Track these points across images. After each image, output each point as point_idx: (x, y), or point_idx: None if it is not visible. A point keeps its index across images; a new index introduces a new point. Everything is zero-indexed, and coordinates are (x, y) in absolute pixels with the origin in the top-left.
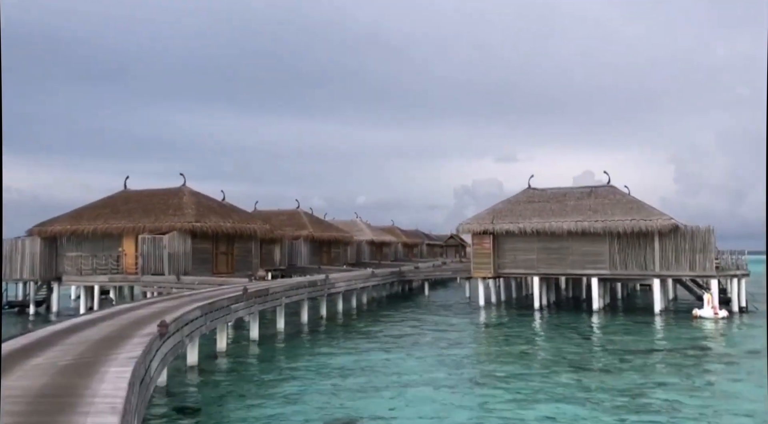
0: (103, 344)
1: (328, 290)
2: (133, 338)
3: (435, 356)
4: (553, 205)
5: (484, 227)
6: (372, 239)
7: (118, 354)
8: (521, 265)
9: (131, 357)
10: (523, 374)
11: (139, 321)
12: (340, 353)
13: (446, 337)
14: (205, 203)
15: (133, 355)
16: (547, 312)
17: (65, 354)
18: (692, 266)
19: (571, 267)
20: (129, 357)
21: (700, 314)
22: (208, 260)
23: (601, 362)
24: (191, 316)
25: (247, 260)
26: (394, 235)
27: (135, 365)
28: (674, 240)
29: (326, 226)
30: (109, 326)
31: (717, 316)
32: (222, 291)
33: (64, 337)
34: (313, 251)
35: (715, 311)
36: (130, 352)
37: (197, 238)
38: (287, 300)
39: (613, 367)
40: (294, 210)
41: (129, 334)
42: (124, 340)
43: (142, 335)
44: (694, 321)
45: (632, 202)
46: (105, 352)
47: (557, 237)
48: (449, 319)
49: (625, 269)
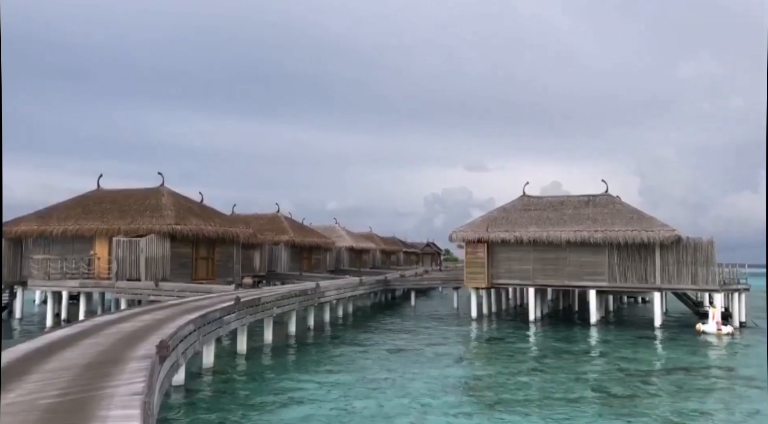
0: (92, 371)
1: (318, 300)
2: (127, 362)
3: (441, 376)
4: (550, 213)
5: (479, 235)
6: (352, 246)
7: (114, 388)
8: (516, 275)
9: (134, 394)
10: (546, 400)
11: (129, 338)
12: (338, 370)
13: (446, 352)
14: (185, 205)
15: (135, 389)
16: (542, 325)
17: (46, 386)
18: (694, 280)
19: (569, 278)
20: (132, 393)
21: (704, 329)
22: (187, 265)
23: (625, 386)
24: (185, 331)
25: (228, 265)
26: (374, 242)
27: (142, 405)
28: (676, 252)
29: (307, 231)
30: (93, 345)
31: (720, 331)
32: (210, 301)
33: (41, 361)
34: (293, 257)
35: (719, 327)
36: (130, 383)
37: (177, 241)
38: (279, 310)
39: (641, 391)
40: (274, 214)
41: (121, 356)
42: (118, 366)
43: (139, 359)
44: (698, 336)
45: (633, 212)
46: (97, 384)
47: (555, 247)
48: (443, 332)
49: (624, 281)
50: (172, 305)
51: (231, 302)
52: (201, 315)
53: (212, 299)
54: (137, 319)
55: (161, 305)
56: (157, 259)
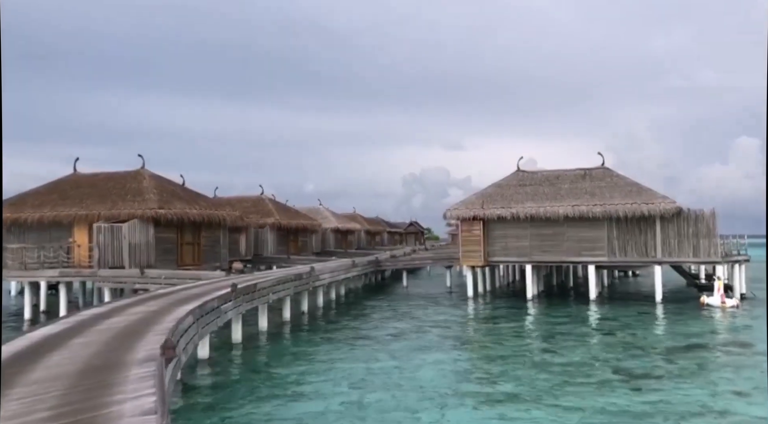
0: (88, 381)
1: (313, 283)
2: (128, 367)
3: (449, 361)
4: (546, 188)
5: (474, 213)
6: (337, 227)
7: (119, 404)
8: (513, 252)
9: (146, 413)
10: (569, 384)
11: (124, 336)
12: (342, 357)
13: (448, 335)
14: (167, 188)
15: (145, 406)
16: (540, 302)
17: (34, 405)
18: (696, 252)
19: (567, 254)
20: (143, 412)
21: (708, 302)
22: (172, 250)
23: (646, 365)
24: (185, 324)
25: (214, 250)
26: (358, 222)
27: None
28: (677, 225)
29: (293, 213)
30: (84, 346)
31: (725, 304)
32: (202, 288)
33: (24, 369)
34: (279, 240)
35: (723, 299)
36: (137, 396)
37: (161, 226)
38: (275, 296)
39: (665, 371)
40: (258, 196)
41: (119, 360)
42: (118, 373)
43: (141, 363)
44: (702, 309)
45: (631, 184)
46: (97, 399)
47: (552, 222)
48: (441, 312)
49: (624, 255)
50: (163, 294)
51: (227, 290)
52: (199, 305)
53: (204, 287)
54: (128, 312)
55: (151, 295)
56: (141, 245)
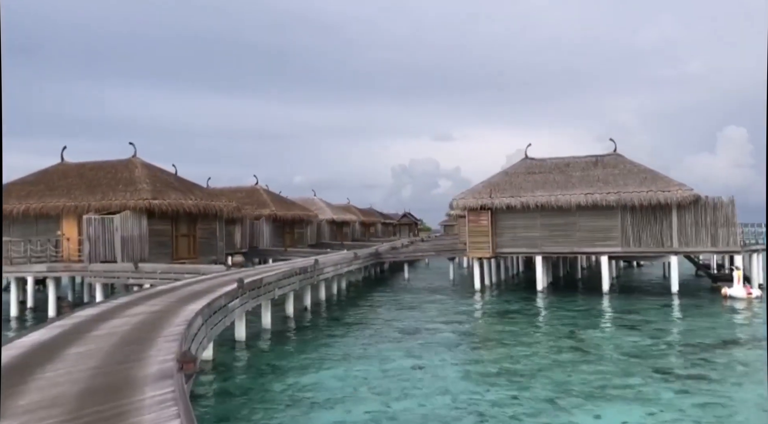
0: (90, 405)
1: (318, 277)
2: (141, 387)
3: (472, 361)
4: (557, 176)
5: (482, 202)
6: (333, 218)
7: None
8: (522, 243)
9: None
10: (611, 388)
11: (129, 343)
12: (356, 358)
13: (463, 331)
14: (161, 178)
15: None
16: (550, 294)
17: None
18: (714, 242)
19: (579, 245)
20: None
21: (730, 294)
22: (166, 243)
23: (688, 365)
24: (194, 328)
25: (211, 243)
26: (353, 214)
27: None
28: (694, 213)
29: (289, 204)
30: (84, 357)
31: (751, 296)
32: (205, 284)
33: (15, 385)
34: (275, 231)
35: (749, 291)
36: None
37: (155, 218)
38: (280, 292)
39: (710, 370)
40: (253, 187)
41: (128, 376)
42: (130, 395)
43: (156, 380)
44: (725, 301)
45: (645, 171)
46: None
47: (563, 212)
48: (450, 306)
49: (639, 245)
50: (164, 291)
51: (232, 286)
52: (207, 304)
53: (206, 282)
54: (129, 312)
55: (151, 292)
56: (134, 238)
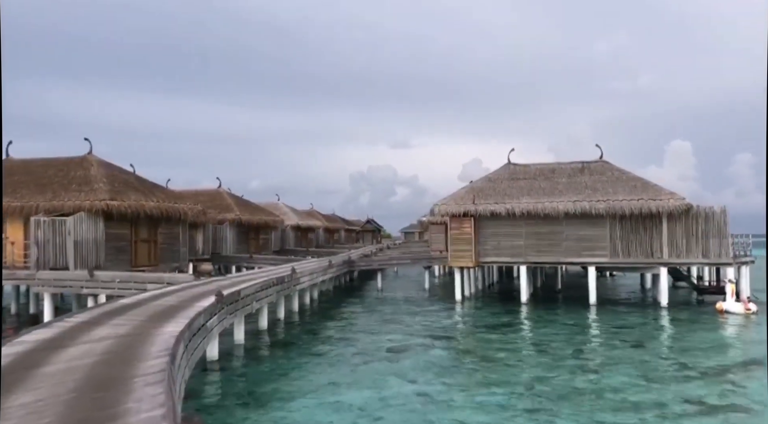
0: None
1: (294, 287)
2: None
3: (479, 385)
4: (542, 182)
5: (465, 208)
6: (298, 224)
7: None
8: (506, 252)
9: None
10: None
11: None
12: (346, 384)
13: (457, 348)
14: (119, 177)
15: None
16: (535, 307)
17: None
18: (705, 253)
19: (565, 254)
20: None
21: (726, 308)
22: (125, 249)
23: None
24: (178, 358)
25: (173, 249)
26: (317, 219)
27: None
28: (685, 223)
29: (254, 208)
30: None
31: (749, 311)
32: (176, 297)
33: None
34: (239, 237)
35: (746, 305)
36: None
37: (112, 221)
38: (257, 304)
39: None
40: (216, 190)
41: None
42: None
43: None
44: (720, 316)
45: (634, 179)
46: None
47: (550, 220)
48: (434, 320)
49: (627, 256)
50: (129, 306)
51: (208, 300)
52: (187, 325)
53: (176, 294)
54: (90, 336)
55: (114, 308)
56: (89, 242)
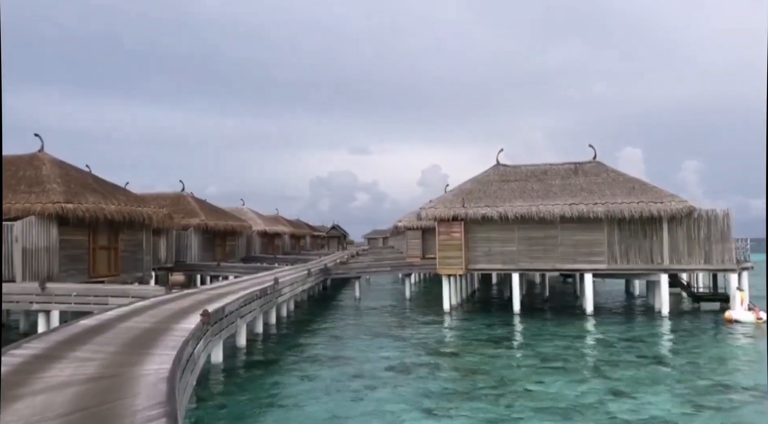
0: None
1: (277, 299)
2: None
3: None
4: (534, 184)
5: (454, 212)
6: (264, 230)
7: None
8: (498, 259)
9: None
10: None
11: None
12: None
13: (464, 367)
14: (75, 177)
15: None
16: (529, 317)
17: None
18: (708, 259)
19: (561, 261)
20: None
21: (736, 318)
22: (82, 258)
23: None
24: (178, 414)
25: (136, 257)
26: (283, 225)
27: None
28: (686, 227)
29: (220, 213)
30: None
31: (761, 321)
32: (149, 315)
33: None
34: (205, 244)
35: (758, 315)
36: None
37: (68, 226)
38: (242, 322)
39: None
40: (179, 193)
41: None
42: None
43: None
44: (729, 326)
45: (631, 180)
46: None
47: (545, 224)
48: (427, 333)
49: (626, 262)
50: (93, 329)
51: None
52: (175, 358)
53: (146, 312)
54: (46, 380)
55: (74, 332)
56: (40, 250)
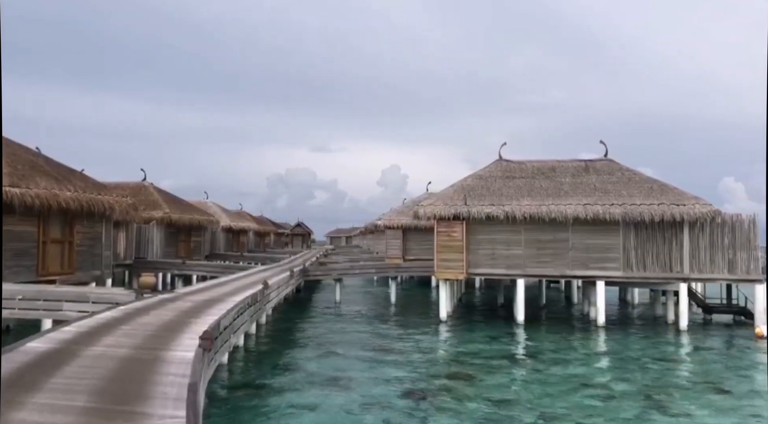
0: None
1: (264, 307)
2: None
3: None
4: (543, 182)
5: (455, 210)
6: (230, 226)
7: None
8: (502, 263)
9: None
10: None
11: None
12: None
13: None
14: (23, 158)
15: None
16: (534, 327)
17: None
18: (732, 268)
19: (571, 267)
20: None
21: (766, 333)
22: (29, 252)
23: None
24: None
25: (93, 252)
26: (248, 221)
27: None
28: (708, 233)
29: (186, 206)
30: None
31: None
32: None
33: None
34: (168, 239)
35: None
36: None
37: (13, 215)
38: (235, 339)
39: None
40: (140, 183)
41: None
42: None
43: None
44: (759, 342)
45: (648, 180)
46: None
47: (555, 226)
48: (429, 346)
49: (642, 270)
50: (46, 359)
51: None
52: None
53: (119, 329)
54: None
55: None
56: None
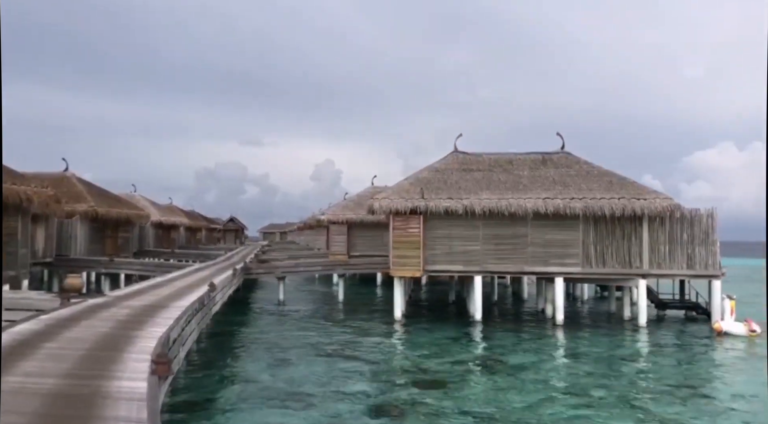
0: None
1: (210, 312)
2: None
3: None
4: (500, 175)
5: (412, 204)
6: (160, 221)
7: None
8: (459, 259)
9: None
10: None
11: None
12: None
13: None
14: None
15: None
16: (491, 326)
17: None
18: (691, 263)
19: (530, 263)
20: None
21: (726, 330)
22: None
23: None
24: None
25: (9, 250)
26: (179, 216)
27: None
28: (667, 228)
29: (112, 199)
30: None
31: (754, 333)
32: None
33: None
34: (93, 235)
35: (752, 327)
36: None
37: None
38: (183, 353)
39: None
40: (61, 174)
41: None
42: None
43: None
44: (718, 339)
45: (607, 174)
46: None
47: (513, 221)
48: (389, 351)
49: (602, 265)
50: None
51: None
52: None
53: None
54: None
55: None
56: None
